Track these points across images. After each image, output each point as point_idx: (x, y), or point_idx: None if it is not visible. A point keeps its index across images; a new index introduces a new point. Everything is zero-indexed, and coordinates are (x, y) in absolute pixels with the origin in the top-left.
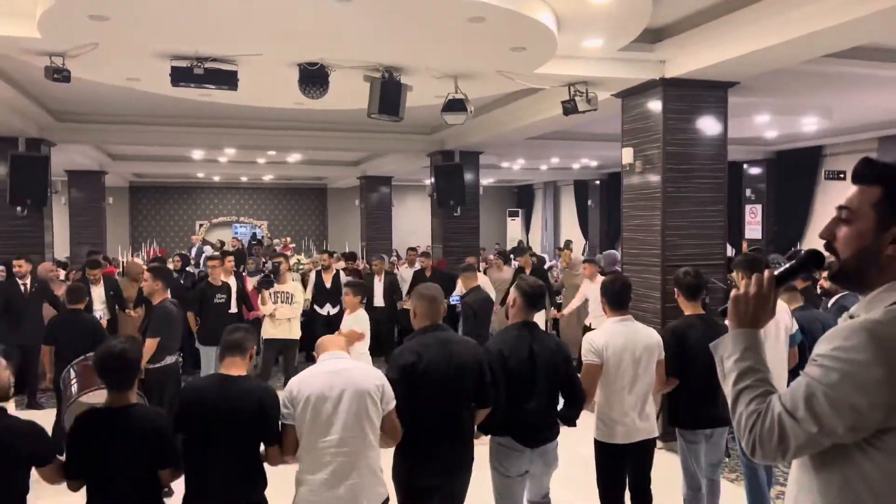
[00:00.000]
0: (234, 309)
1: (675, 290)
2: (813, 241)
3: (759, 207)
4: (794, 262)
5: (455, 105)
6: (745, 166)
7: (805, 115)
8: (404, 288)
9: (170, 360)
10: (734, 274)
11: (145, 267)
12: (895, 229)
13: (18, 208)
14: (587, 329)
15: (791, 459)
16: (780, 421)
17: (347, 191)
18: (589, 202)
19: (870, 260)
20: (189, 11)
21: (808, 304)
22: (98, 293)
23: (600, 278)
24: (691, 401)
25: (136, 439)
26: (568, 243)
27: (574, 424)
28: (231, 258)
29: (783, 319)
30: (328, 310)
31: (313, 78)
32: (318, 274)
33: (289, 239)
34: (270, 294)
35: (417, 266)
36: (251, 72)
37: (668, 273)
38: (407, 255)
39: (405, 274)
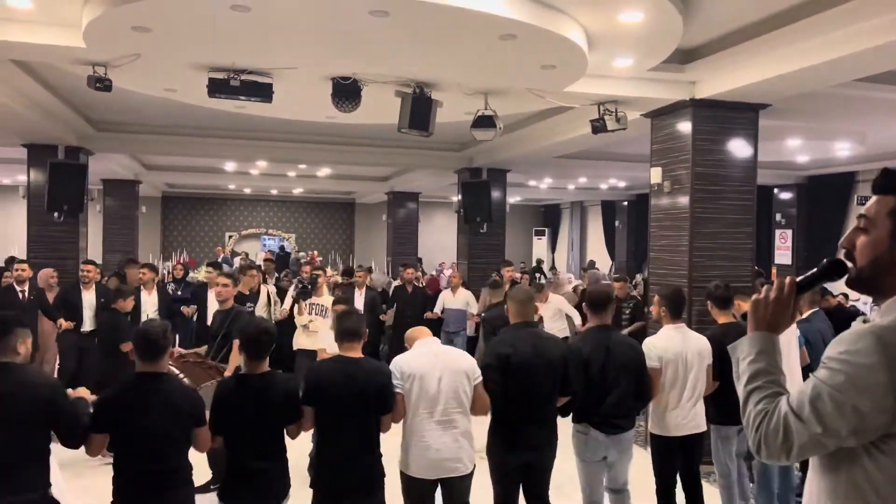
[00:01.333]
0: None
1: (708, 302)
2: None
3: (789, 233)
4: (815, 269)
5: (484, 121)
6: (775, 191)
7: (838, 139)
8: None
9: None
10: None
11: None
12: None
13: (56, 214)
14: None
15: (796, 460)
16: (785, 420)
17: (375, 206)
18: (616, 223)
19: (885, 268)
20: (227, 25)
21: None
22: (88, 299)
23: (547, 299)
24: (726, 399)
25: (274, 399)
26: (591, 263)
27: (634, 419)
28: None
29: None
30: None
31: (346, 92)
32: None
33: (316, 252)
34: (306, 305)
35: (398, 282)
36: (285, 85)
37: (695, 294)
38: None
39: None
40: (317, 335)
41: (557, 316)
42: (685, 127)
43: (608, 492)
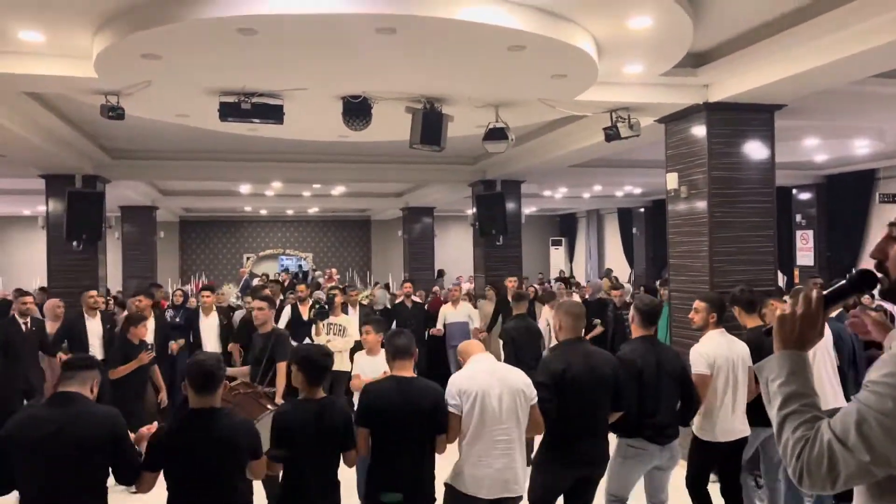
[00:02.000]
0: None
1: (735, 308)
2: (868, 266)
3: (810, 233)
4: (844, 282)
5: (496, 134)
6: (794, 191)
7: (856, 137)
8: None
9: None
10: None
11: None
12: None
13: (75, 243)
14: None
15: (841, 489)
16: (829, 448)
17: (391, 222)
18: (634, 230)
19: None
20: (235, 49)
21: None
22: (94, 327)
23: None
24: (761, 403)
25: (335, 424)
26: (608, 272)
27: (687, 424)
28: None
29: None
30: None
31: (356, 110)
32: (294, 307)
33: (334, 270)
34: (324, 325)
35: (400, 299)
36: (296, 106)
37: None
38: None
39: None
40: (339, 356)
41: None
42: (699, 131)
43: None
